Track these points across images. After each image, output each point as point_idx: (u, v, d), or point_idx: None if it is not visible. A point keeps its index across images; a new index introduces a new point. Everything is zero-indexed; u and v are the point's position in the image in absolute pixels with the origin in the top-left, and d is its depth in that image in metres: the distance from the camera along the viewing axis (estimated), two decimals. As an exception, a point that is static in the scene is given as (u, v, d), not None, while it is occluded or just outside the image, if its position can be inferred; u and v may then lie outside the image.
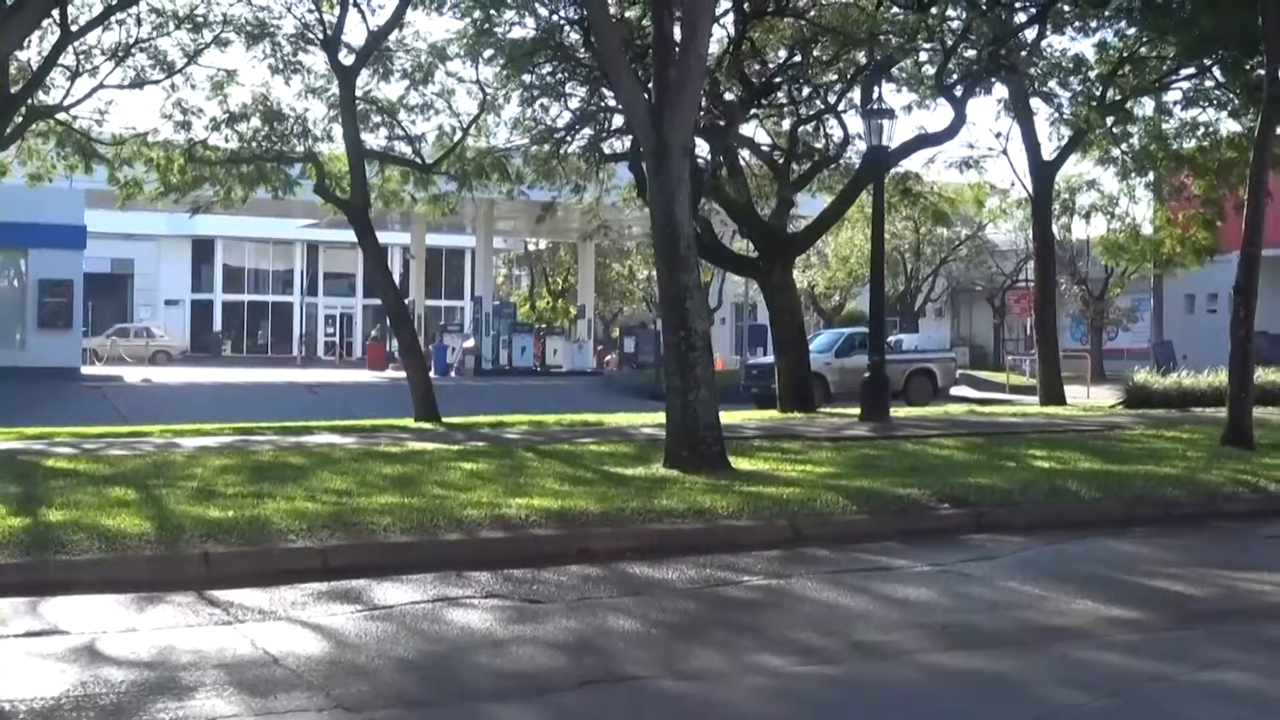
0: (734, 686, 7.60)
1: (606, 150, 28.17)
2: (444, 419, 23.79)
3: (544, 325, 61.60)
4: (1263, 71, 21.79)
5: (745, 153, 29.39)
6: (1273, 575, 11.25)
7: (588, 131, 27.86)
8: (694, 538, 11.92)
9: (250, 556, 10.56)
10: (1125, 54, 29.21)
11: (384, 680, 7.61)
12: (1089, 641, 8.68)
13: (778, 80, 28.24)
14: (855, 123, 27.94)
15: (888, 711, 7.25)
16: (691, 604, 9.86)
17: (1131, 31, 28.17)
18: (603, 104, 26.98)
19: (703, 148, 27.27)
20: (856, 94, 27.65)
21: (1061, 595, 10.17)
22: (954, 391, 39.39)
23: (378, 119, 26.13)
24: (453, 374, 50.21)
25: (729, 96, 27.46)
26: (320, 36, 24.32)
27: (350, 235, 27.66)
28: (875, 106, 25.47)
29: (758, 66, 27.96)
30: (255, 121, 25.65)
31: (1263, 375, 28.25)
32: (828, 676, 7.88)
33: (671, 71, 16.29)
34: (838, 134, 29.45)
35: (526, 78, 26.70)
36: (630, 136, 24.79)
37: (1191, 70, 28.78)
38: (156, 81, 25.60)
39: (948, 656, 8.29)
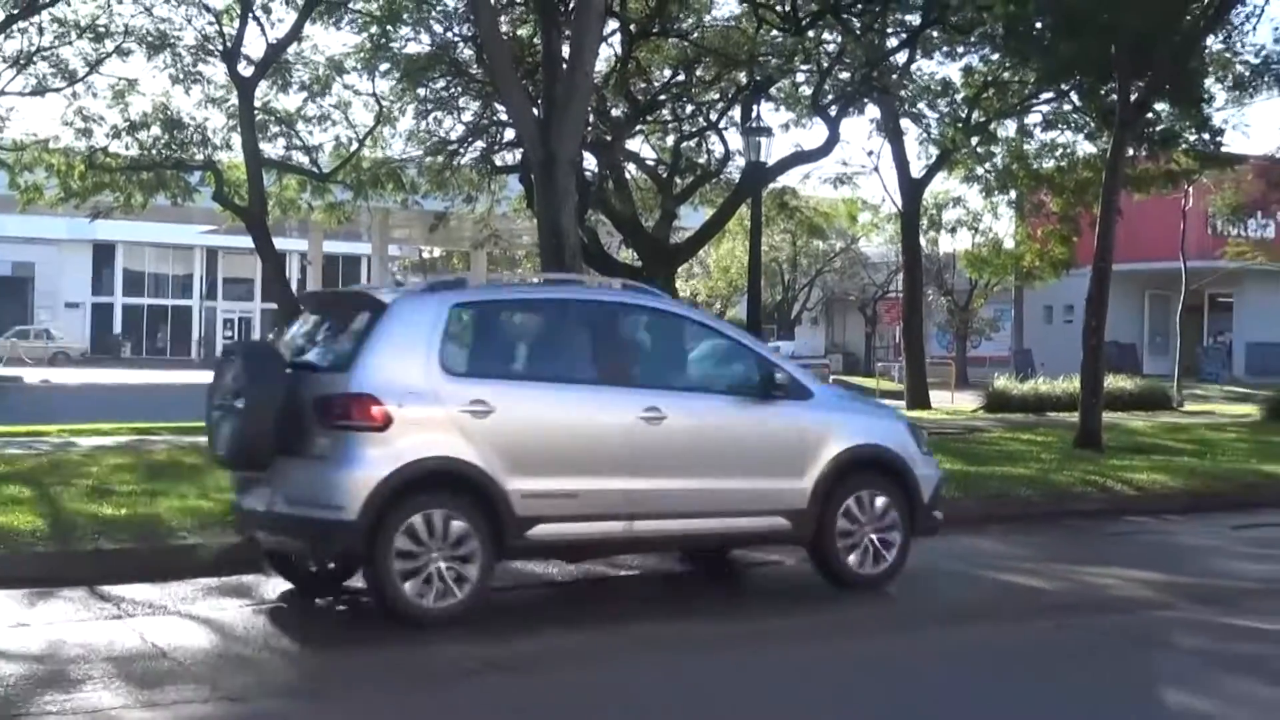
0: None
1: (498, 162, 28.11)
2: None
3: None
4: (1116, 97, 22.22)
5: (631, 167, 29.41)
6: (1116, 569, 11.47)
7: (480, 144, 27.78)
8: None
9: (142, 553, 10.38)
10: (989, 78, 29.58)
11: (269, 672, 7.52)
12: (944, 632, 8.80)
13: (662, 98, 28.32)
14: (735, 139, 28.12)
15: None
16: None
17: (995, 57, 28.45)
18: (494, 118, 26.90)
19: (590, 161, 27.28)
20: (737, 112, 27.76)
21: (918, 589, 10.31)
22: (827, 396, 39.64)
23: (276, 129, 25.74)
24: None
25: (615, 113, 27.47)
26: (220, 48, 23.93)
27: (249, 241, 27.25)
28: (754, 125, 25.57)
29: (643, 84, 28.01)
30: (155, 130, 25.13)
31: (1112, 382, 28.83)
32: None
33: (559, 88, 16.30)
34: (719, 150, 29.62)
35: (421, 91, 26.56)
36: (521, 149, 24.69)
37: (1051, 95, 29.12)
38: (58, 89, 25.02)
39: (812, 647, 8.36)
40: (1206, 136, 26.16)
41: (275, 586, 9.72)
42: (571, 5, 19.48)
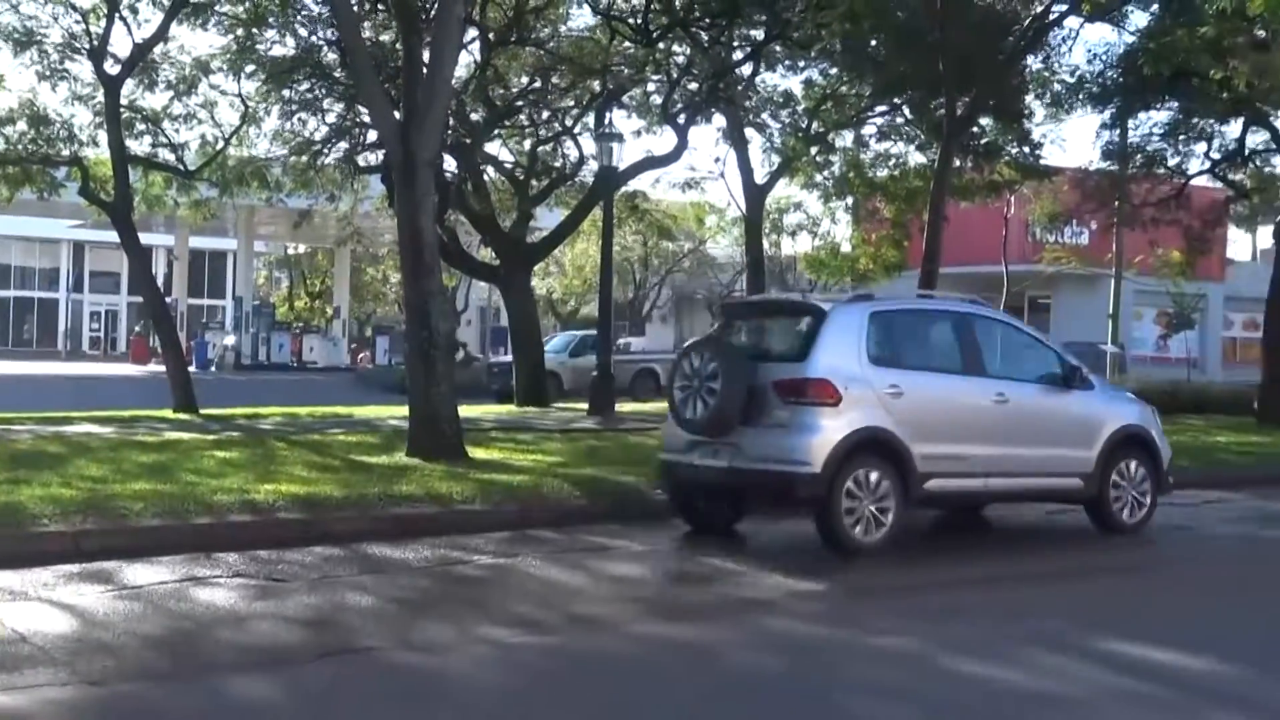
0: (461, 656, 7.59)
1: (361, 163, 27.82)
2: (202, 410, 23.11)
3: (301, 324, 60.42)
4: (943, 112, 22.72)
5: (489, 169, 29.32)
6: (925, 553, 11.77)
7: (343, 145, 27.48)
8: (430, 521, 11.85)
9: (2, 540, 10.10)
10: (828, 91, 29.99)
11: (129, 656, 7.38)
12: (779, 612, 8.93)
13: (519, 104, 28.26)
14: (589, 145, 28.14)
15: (598, 677, 7.31)
16: (425, 582, 9.82)
17: (834, 71, 28.92)
18: (357, 120, 26.61)
19: (450, 163, 27.16)
20: (591, 118, 27.82)
21: (758, 571, 10.44)
22: (676, 389, 39.86)
23: (142, 127, 25.19)
24: (213, 369, 48.92)
25: (475, 117, 27.36)
26: (87, 47, 23.38)
27: (116, 236, 26.63)
28: (607, 131, 25.66)
29: (501, 90, 27.94)
30: (22, 125, 24.48)
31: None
32: (546, 646, 7.93)
33: (419, 93, 16.16)
34: (573, 154, 29.63)
35: (286, 93, 26.21)
36: (382, 151, 24.49)
37: (885, 108, 29.68)
38: (-78, 85, 24.31)
39: (655, 627, 8.43)
40: (1026, 149, 26.96)
41: (136, 573, 9.54)
42: (432, 13, 19.37)
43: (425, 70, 16.56)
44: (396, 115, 17.06)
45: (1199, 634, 8.47)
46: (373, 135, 25.72)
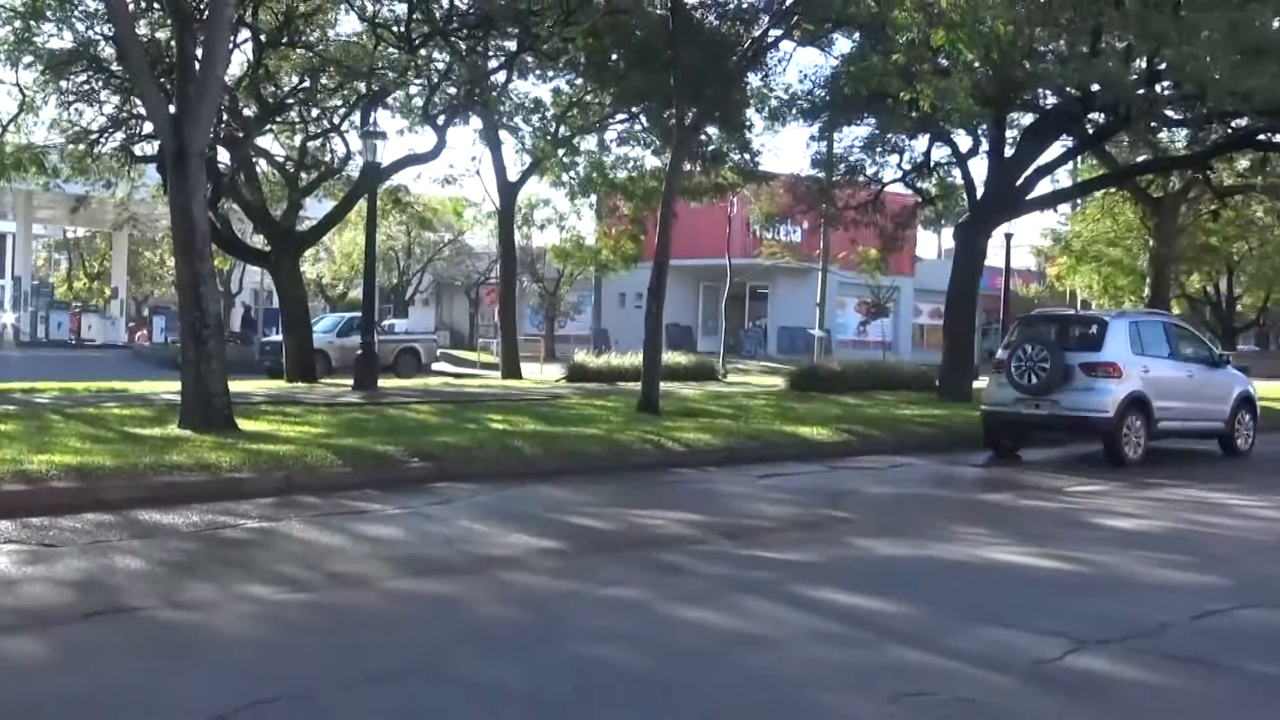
0: (224, 613, 7.36)
1: (137, 152, 26.59)
2: (-22, 385, 21.86)
3: (80, 304, 57.55)
4: (674, 121, 22.95)
5: (262, 162, 28.48)
6: (663, 512, 11.91)
7: (120, 135, 26.24)
8: (200, 488, 11.49)
9: None
10: (574, 99, 30.09)
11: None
12: (521, 567, 8.94)
13: (290, 101, 27.50)
14: (356, 141, 27.63)
15: (352, 629, 7.20)
16: (193, 545, 9.49)
17: (579, 82, 29.00)
18: (133, 111, 25.45)
19: (225, 155, 26.29)
20: (357, 117, 27.28)
21: (503, 531, 10.43)
22: (436, 367, 39.46)
23: (-81, 112, 23.70)
24: (-8, 345, 46.19)
25: (247, 112, 26.51)
26: None
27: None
28: (371, 129, 25.26)
29: (273, 88, 27.16)
30: None
31: (670, 357, 29.91)
32: (306, 602, 7.76)
33: (192, 88, 15.59)
34: (341, 150, 29.08)
35: (64, 84, 24.87)
36: (158, 141, 23.51)
37: (624, 116, 29.89)
38: None
39: (407, 583, 8.33)
40: (747, 156, 27.45)
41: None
42: (205, 13, 18.66)
43: (198, 67, 15.97)
44: (170, 109, 16.41)
45: (885, 581, 8.83)
46: (149, 126, 24.65)
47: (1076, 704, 6.02)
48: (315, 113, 28.14)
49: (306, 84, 27.05)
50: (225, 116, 24.28)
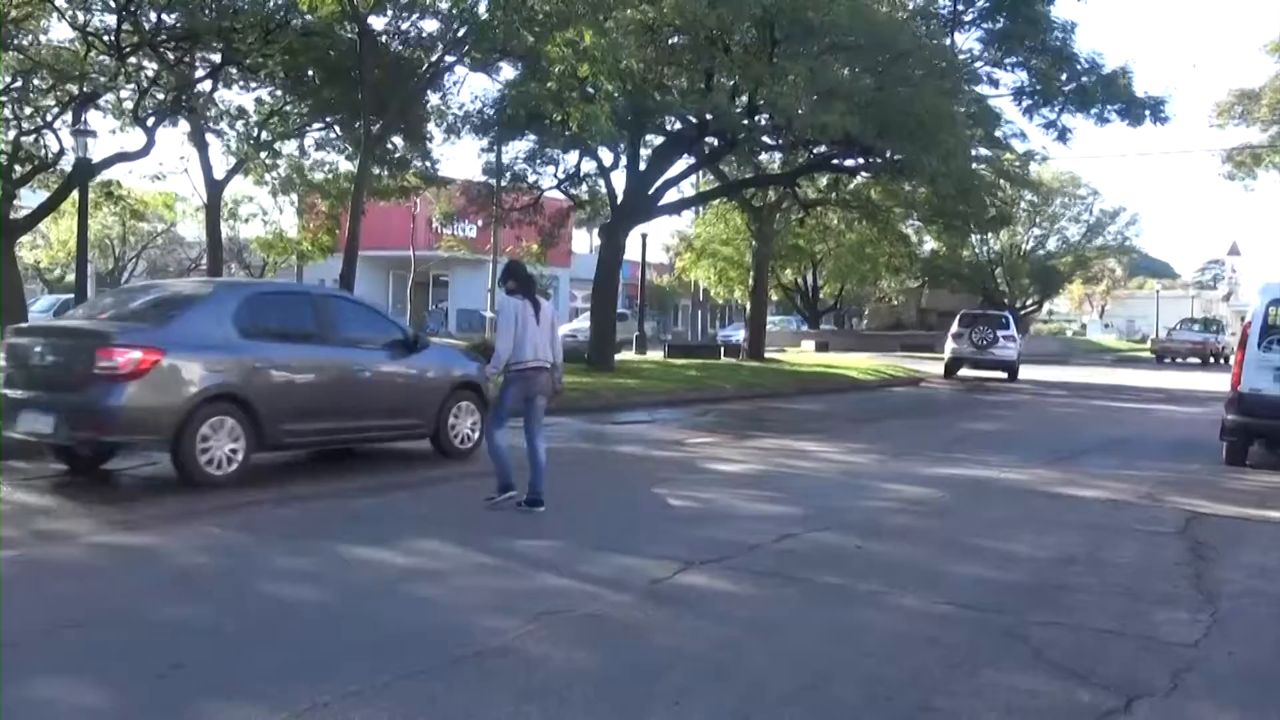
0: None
1: None
2: None
3: None
4: (363, 130, 22.28)
5: (-22, 154, 25.73)
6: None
7: None
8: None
9: None
10: (275, 108, 28.70)
11: None
12: (208, 521, 8.44)
13: (3, 100, 24.94)
14: (69, 138, 25.32)
15: (56, 579, 6.61)
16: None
17: (279, 93, 27.72)
18: None
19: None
20: (70, 116, 25.04)
21: (196, 494, 9.84)
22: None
23: None
24: None
25: (-39, 109, 23.91)
26: None
27: None
28: (82, 128, 23.23)
29: (-16, 87, 24.57)
30: None
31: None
32: (10, 558, 7.07)
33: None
34: (55, 146, 26.61)
35: None
36: None
37: (320, 125, 28.83)
38: None
39: (111, 537, 7.73)
40: (428, 163, 27.04)
41: None
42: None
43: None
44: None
45: (532, 523, 8.87)
46: None
47: (682, 611, 6.23)
48: (29, 111, 25.66)
49: (19, 84, 24.62)
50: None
